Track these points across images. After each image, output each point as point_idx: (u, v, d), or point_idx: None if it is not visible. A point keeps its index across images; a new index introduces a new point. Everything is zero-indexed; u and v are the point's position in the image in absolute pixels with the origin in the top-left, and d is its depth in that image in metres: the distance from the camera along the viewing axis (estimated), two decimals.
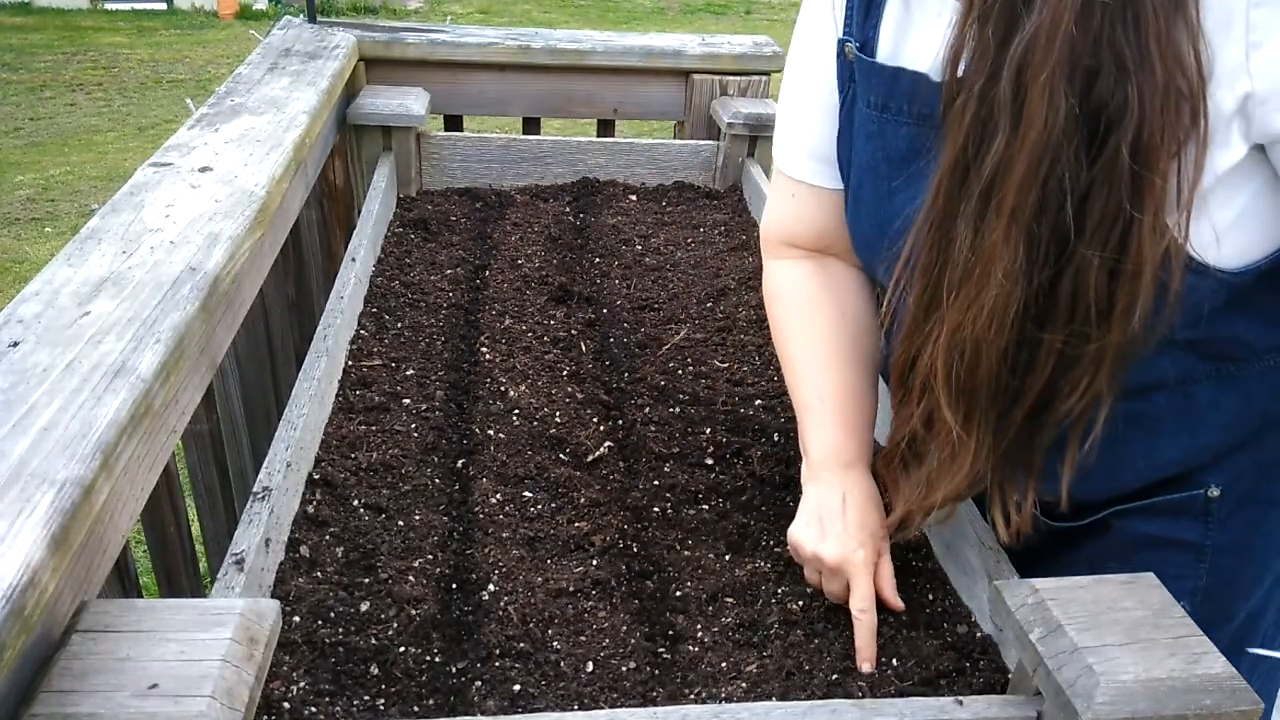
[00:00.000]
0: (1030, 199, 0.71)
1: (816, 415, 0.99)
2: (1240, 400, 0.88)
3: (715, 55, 2.10)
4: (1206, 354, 0.85)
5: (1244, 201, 0.76)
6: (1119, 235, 0.71)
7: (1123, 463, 0.91)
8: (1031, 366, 0.76)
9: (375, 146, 1.84)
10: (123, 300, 0.96)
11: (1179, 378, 0.86)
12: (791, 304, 1.04)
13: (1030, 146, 0.69)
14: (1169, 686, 0.69)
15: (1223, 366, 0.87)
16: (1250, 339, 0.85)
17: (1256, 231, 0.78)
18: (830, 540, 0.91)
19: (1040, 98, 0.68)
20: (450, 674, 0.85)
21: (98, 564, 0.78)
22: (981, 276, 0.74)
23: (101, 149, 7.13)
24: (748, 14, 12.69)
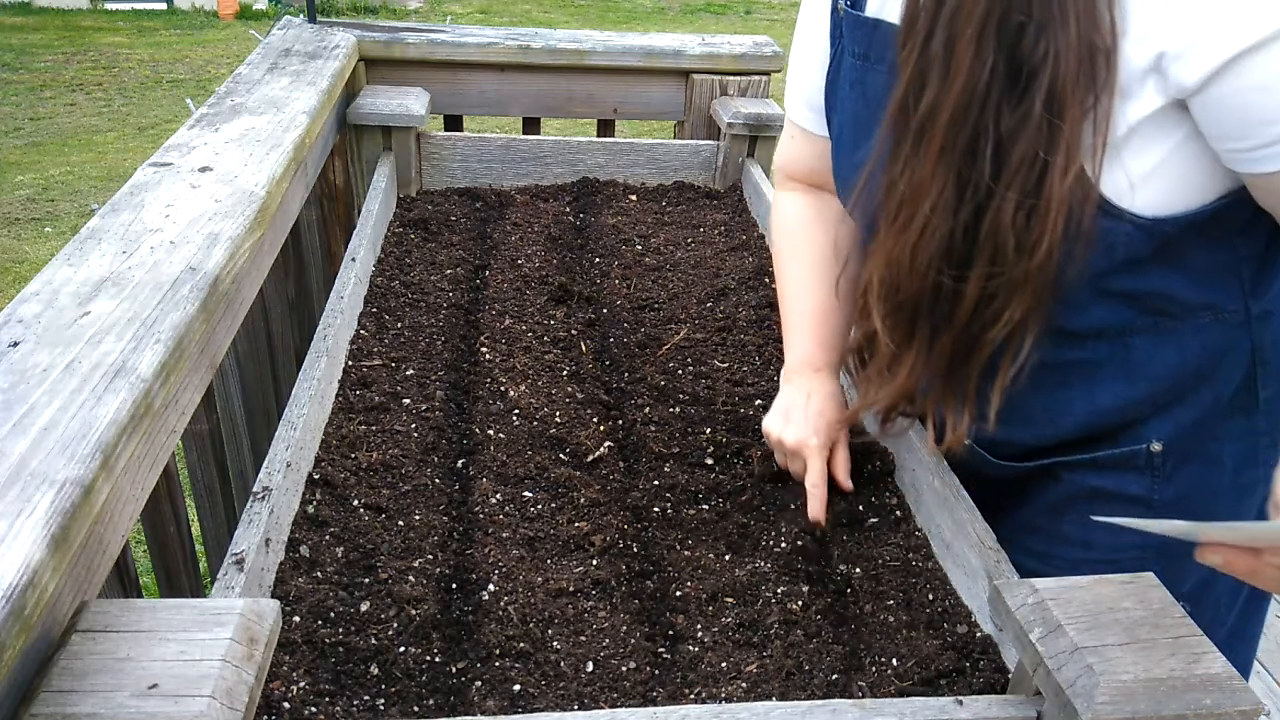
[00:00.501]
0: (955, 141, 0.80)
1: (796, 330, 1.14)
2: (1175, 353, 0.94)
3: (715, 55, 2.10)
4: (1143, 308, 0.91)
5: (1162, 153, 0.81)
6: (1035, 178, 0.79)
7: (1063, 407, 0.97)
8: (959, 295, 0.85)
9: (375, 146, 1.84)
10: (123, 300, 0.96)
11: (1118, 328, 0.92)
12: (787, 230, 1.18)
13: (956, 94, 0.79)
14: (1169, 686, 0.69)
15: (1159, 321, 0.92)
16: (1183, 296, 0.91)
17: (1175, 183, 0.83)
18: (791, 428, 1.07)
19: (966, 50, 0.78)
20: (450, 674, 0.85)
21: (98, 564, 0.78)
22: (911, 208, 0.84)
23: (101, 149, 7.13)
24: (748, 14, 12.70)
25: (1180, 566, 0.98)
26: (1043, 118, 0.77)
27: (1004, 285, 0.82)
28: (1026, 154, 0.78)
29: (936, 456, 1.03)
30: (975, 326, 0.85)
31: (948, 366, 0.89)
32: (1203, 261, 0.89)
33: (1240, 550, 0.71)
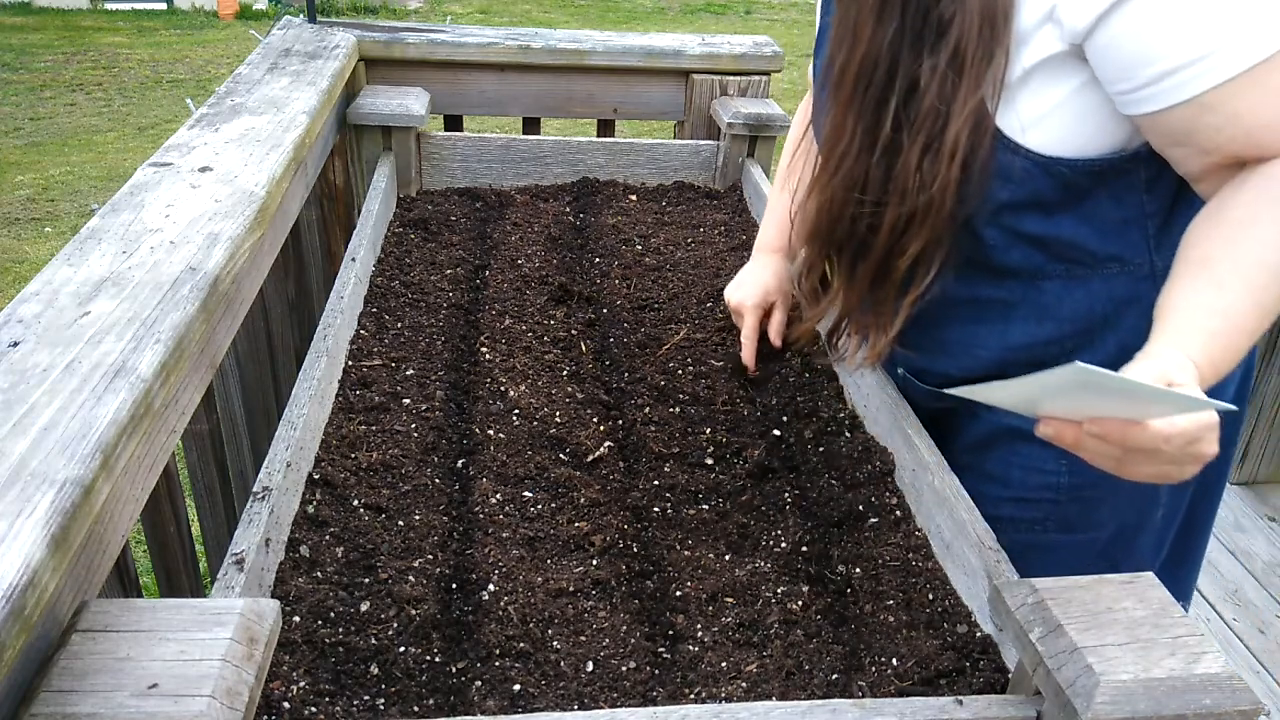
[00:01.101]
0: (864, 96, 0.92)
1: (766, 217, 1.36)
2: (1084, 299, 1.01)
3: (715, 55, 2.10)
4: (1054, 254, 0.99)
5: (1059, 97, 0.90)
6: (939, 126, 0.89)
7: (979, 341, 1.06)
8: (875, 229, 0.96)
9: (375, 146, 1.84)
10: (123, 300, 0.96)
11: (1031, 270, 1.00)
12: (796, 124, 1.33)
13: (860, 57, 0.91)
14: (1169, 686, 0.69)
15: (1070, 268, 1.00)
16: (1093, 247, 0.98)
17: (1072, 126, 0.91)
18: (737, 291, 1.30)
19: (867, 20, 0.90)
20: (450, 674, 0.85)
21: (98, 564, 0.78)
22: (830, 152, 0.97)
23: (101, 149, 7.13)
24: (748, 14, 12.69)
25: (1095, 510, 1.09)
26: (946, 73, 0.88)
27: (912, 220, 0.93)
28: (931, 105, 0.89)
29: (935, 454, 1.04)
30: (889, 257, 0.96)
31: (868, 292, 1.01)
32: (1110, 215, 0.97)
33: (1069, 423, 0.78)
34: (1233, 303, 0.81)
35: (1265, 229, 0.83)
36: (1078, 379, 0.68)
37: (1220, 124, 0.84)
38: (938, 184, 0.89)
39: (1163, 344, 0.80)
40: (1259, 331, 0.83)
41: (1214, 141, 0.85)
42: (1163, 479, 0.78)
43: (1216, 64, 0.81)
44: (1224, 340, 0.81)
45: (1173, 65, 0.82)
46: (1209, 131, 0.85)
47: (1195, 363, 0.78)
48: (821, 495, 1.09)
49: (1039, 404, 0.78)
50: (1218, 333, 0.80)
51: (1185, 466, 0.76)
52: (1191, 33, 0.81)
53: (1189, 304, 0.83)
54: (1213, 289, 0.82)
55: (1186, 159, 0.90)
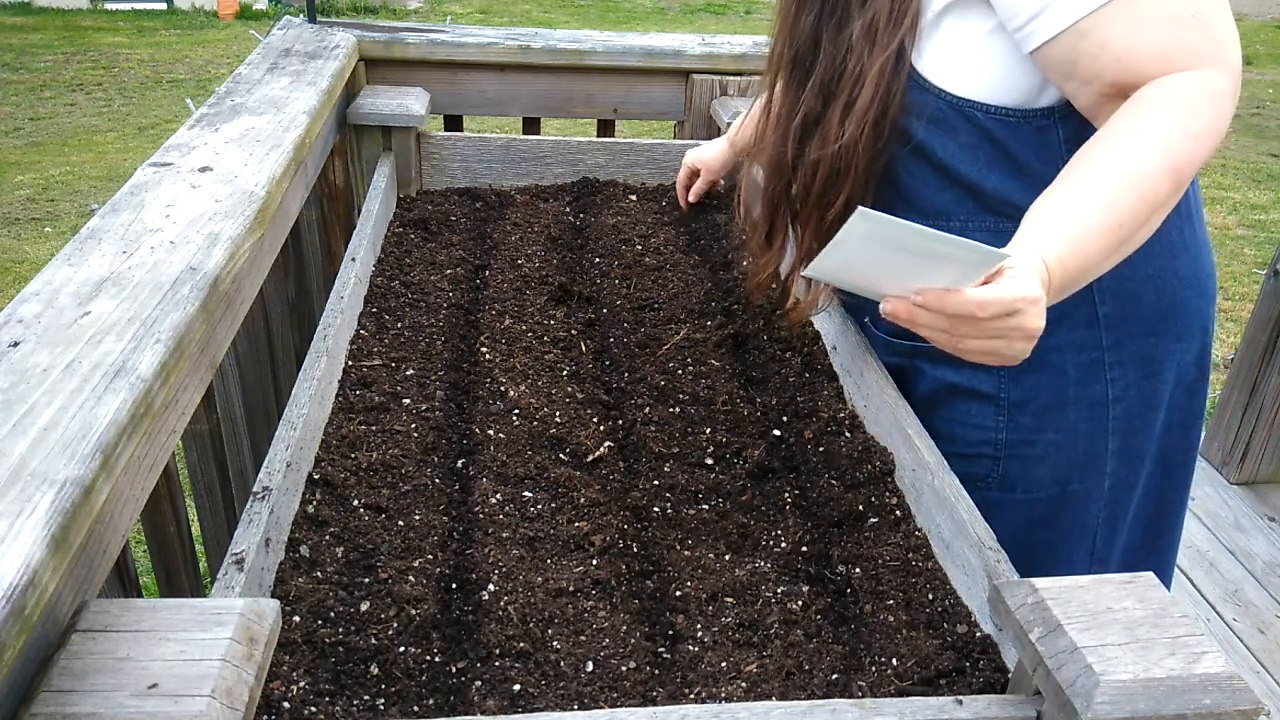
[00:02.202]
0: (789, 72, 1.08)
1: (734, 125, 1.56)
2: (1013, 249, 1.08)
3: (715, 55, 2.09)
4: (985, 205, 1.06)
5: (969, 41, 0.99)
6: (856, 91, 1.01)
7: None
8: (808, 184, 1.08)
9: (375, 146, 1.84)
10: (123, 300, 0.96)
11: (963, 220, 1.08)
12: None
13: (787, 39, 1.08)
14: (1169, 686, 0.69)
15: (999, 221, 1.06)
16: (1018, 201, 1.01)
17: (981, 68, 1.00)
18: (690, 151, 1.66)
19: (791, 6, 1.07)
20: (450, 674, 0.85)
21: (98, 564, 0.78)
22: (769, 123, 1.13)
23: (101, 149, 7.14)
24: (747, 14, 12.69)
25: (1034, 468, 1.15)
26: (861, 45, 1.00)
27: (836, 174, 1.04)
28: (849, 72, 1.01)
29: (934, 454, 1.04)
30: (821, 209, 1.08)
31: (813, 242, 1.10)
32: (1037, 171, 1.02)
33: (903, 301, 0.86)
34: (1087, 209, 0.88)
35: (1124, 143, 0.89)
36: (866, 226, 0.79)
37: (1095, 51, 0.92)
38: (849, 139, 1.01)
39: (1015, 244, 0.88)
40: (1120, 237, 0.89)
41: (1092, 70, 0.93)
42: (994, 357, 0.85)
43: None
44: (1078, 243, 0.87)
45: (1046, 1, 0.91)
46: (1087, 61, 0.93)
47: (1046, 262, 0.85)
48: (821, 495, 1.09)
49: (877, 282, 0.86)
50: (1071, 236, 0.87)
51: (1014, 344, 0.83)
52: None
53: (1046, 211, 0.90)
54: (1070, 198, 0.89)
55: (1077, 93, 0.97)
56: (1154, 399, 1.14)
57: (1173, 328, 1.11)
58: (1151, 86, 0.91)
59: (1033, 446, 1.14)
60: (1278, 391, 2.70)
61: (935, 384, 1.17)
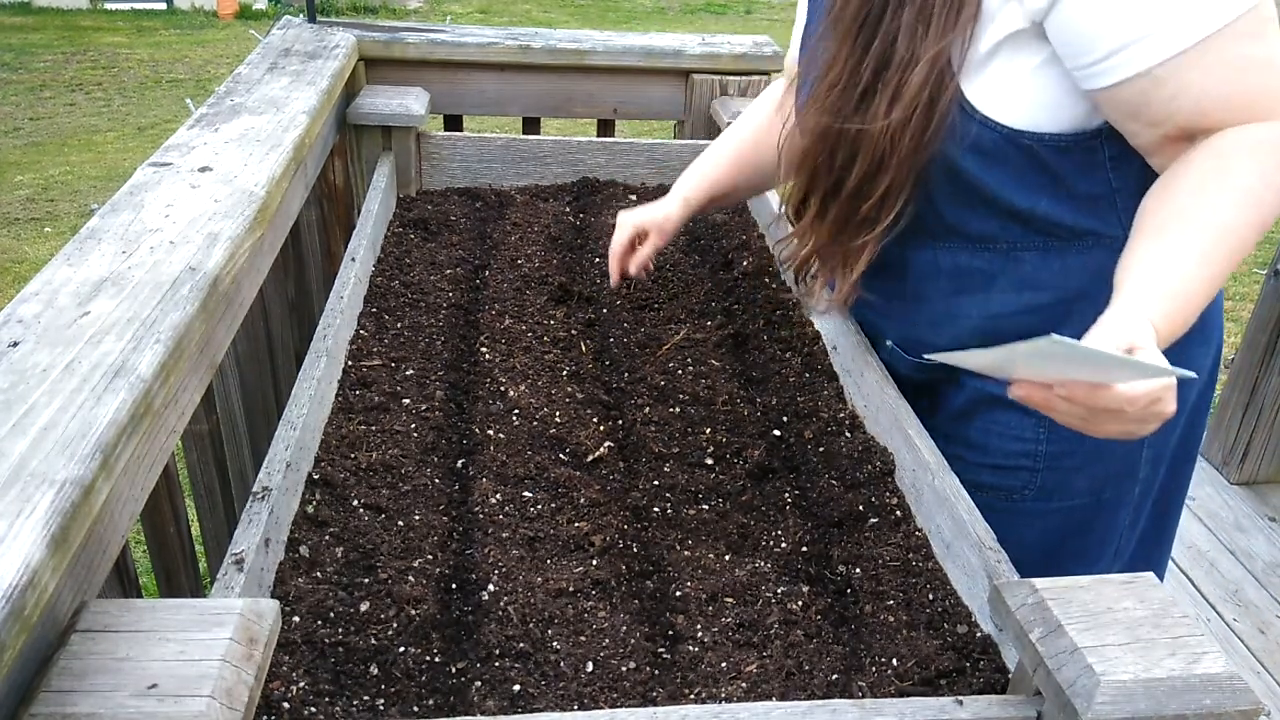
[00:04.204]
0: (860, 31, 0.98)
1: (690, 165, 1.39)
2: (1061, 269, 1.05)
3: (715, 55, 2.10)
4: (1033, 228, 1.03)
5: (1024, 72, 0.95)
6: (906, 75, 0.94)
7: (961, 311, 1.10)
8: (847, 169, 1.01)
9: (375, 146, 1.84)
10: (122, 300, 0.96)
11: (1010, 241, 1.05)
12: (757, 100, 1.38)
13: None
14: (1169, 686, 0.69)
15: (1047, 241, 1.04)
16: (1068, 222, 1.02)
17: (1036, 100, 0.96)
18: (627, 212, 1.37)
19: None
20: (450, 674, 0.85)
21: (98, 564, 0.78)
22: (821, 80, 1.01)
23: (101, 149, 7.14)
24: (748, 14, 12.70)
25: (1073, 479, 1.13)
26: (915, 26, 0.94)
27: (879, 163, 0.98)
28: (901, 55, 0.95)
29: (935, 454, 1.04)
30: (858, 197, 1.02)
31: (839, 230, 1.06)
32: (1082, 190, 1.01)
33: (1037, 385, 0.82)
34: (1185, 265, 0.87)
35: (1212, 196, 0.88)
36: (1051, 349, 0.73)
37: (1169, 97, 0.89)
38: (896, 128, 0.96)
39: (1123, 307, 0.85)
40: (1211, 291, 0.88)
41: (1164, 113, 0.91)
42: (1126, 436, 0.84)
43: (1166, 39, 0.86)
44: (1179, 301, 0.86)
45: (1125, 41, 0.87)
46: (1159, 104, 0.90)
47: (1153, 323, 0.84)
48: (821, 495, 1.09)
49: (1013, 369, 0.83)
50: (1173, 294, 0.86)
51: (1147, 424, 0.82)
52: (1142, 9, 0.86)
53: (1146, 268, 0.88)
54: (1167, 253, 0.88)
55: (1140, 133, 0.95)
56: (1182, 403, 1.13)
57: (1200, 331, 1.10)
58: (1231, 135, 0.89)
59: (1072, 457, 1.12)
60: (1278, 391, 2.70)
61: (973, 394, 1.15)
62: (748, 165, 1.34)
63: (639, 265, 1.35)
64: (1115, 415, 0.80)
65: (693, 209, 1.36)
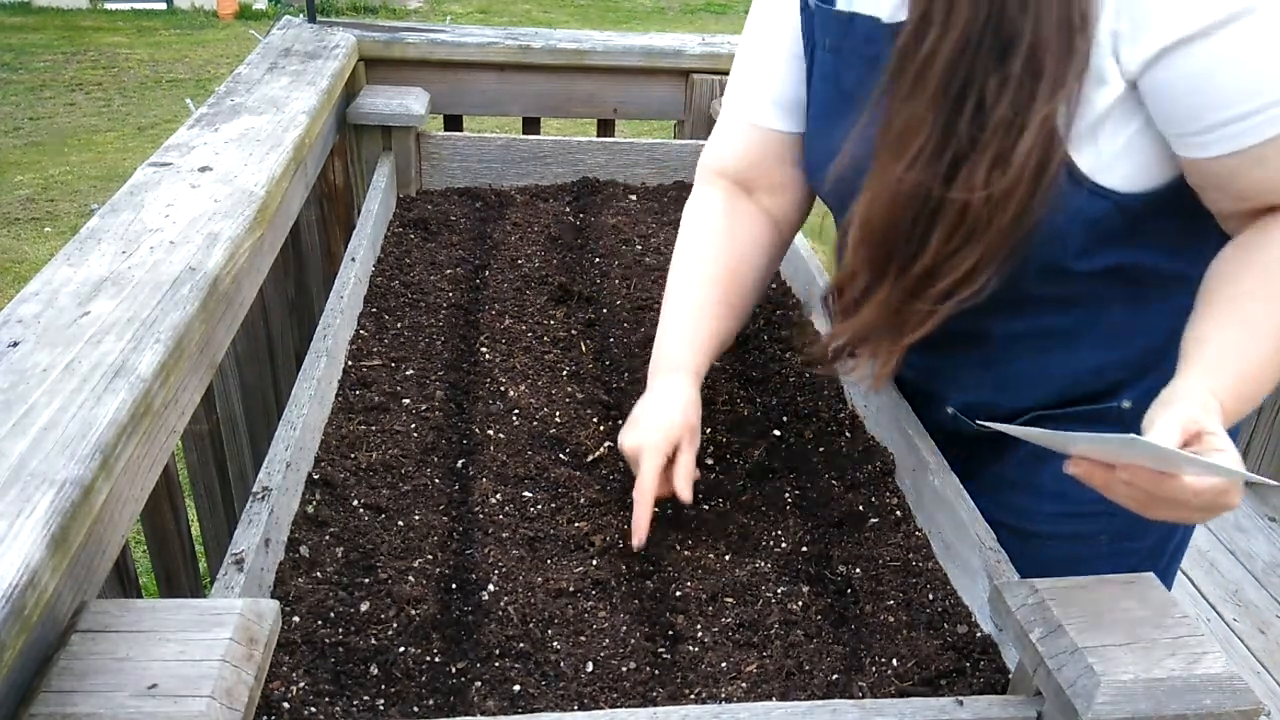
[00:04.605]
0: (949, 86, 0.84)
1: (668, 325, 1.10)
2: (1149, 320, 0.99)
3: (715, 55, 2.09)
4: (1119, 278, 0.96)
5: (1129, 134, 0.87)
6: (1011, 138, 0.83)
7: (1044, 373, 1.02)
8: (927, 238, 0.88)
9: (375, 146, 1.84)
10: (122, 300, 0.96)
11: (1096, 297, 0.97)
12: (693, 222, 1.15)
13: (954, 38, 0.83)
14: (1169, 686, 0.69)
15: (1135, 289, 0.97)
16: (1156, 267, 0.96)
17: (1143, 161, 0.88)
18: (630, 432, 1.02)
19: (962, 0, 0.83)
20: (450, 674, 0.85)
21: (97, 564, 0.78)
22: (900, 146, 0.87)
23: (101, 149, 7.13)
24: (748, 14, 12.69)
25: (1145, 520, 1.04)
26: (1021, 80, 0.82)
27: (970, 233, 0.86)
28: (1004, 116, 0.83)
29: (935, 455, 1.04)
30: (936, 270, 0.90)
31: (897, 310, 0.93)
32: (1171, 234, 0.94)
33: (1099, 465, 0.77)
34: (1261, 348, 0.82)
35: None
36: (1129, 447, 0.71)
37: (1267, 175, 0.84)
38: (1002, 198, 0.84)
39: (1193, 382, 0.80)
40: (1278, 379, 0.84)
41: (1254, 190, 0.85)
42: (1181, 521, 0.81)
43: (1272, 117, 0.80)
44: (1250, 385, 0.82)
45: (1227, 116, 0.81)
46: (1251, 180, 0.84)
47: (1221, 403, 0.79)
48: (821, 495, 1.09)
49: (1074, 446, 0.78)
50: (1245, 376, 0.81)
51: (1207, 514, 0.77)
52: (1248, 85, 0.80)
53: (1219, 343, 0.83)
54: (1244, 331, 0.83)
55: (1220, 200, 0.89)
56: None
57: None
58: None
59: None
60: (1278, 392, 2.70)
61: None
62: (738, 305, 1.13)
63: (689, 482, 1.00)
64: (1177, 504, 0.75)
65: (701, 379, 1.09)
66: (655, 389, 1.05)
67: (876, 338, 0.98)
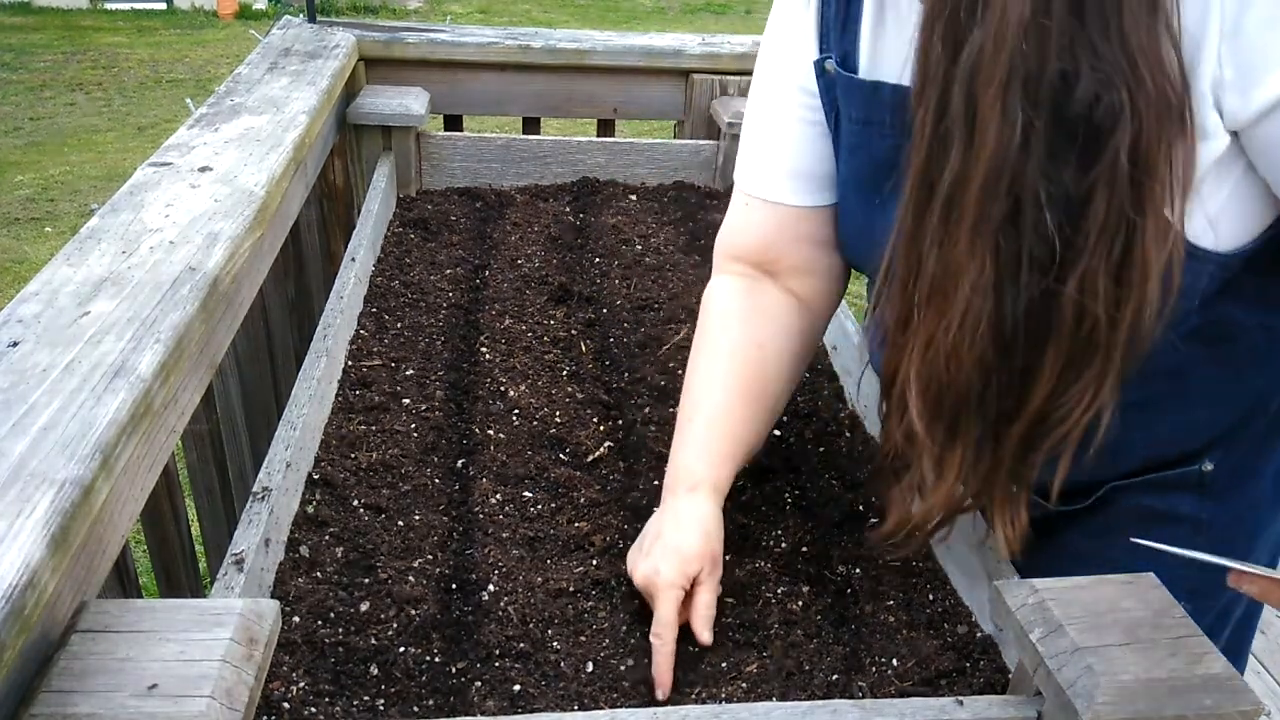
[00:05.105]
0: (993, 212, 0.70)
1: (682, 434, 0.98)
2: (1231, 377, 0.91)
3: (715, 55, 2.09)
4: (1202, 338, 0.85)
5: (1230, 186, 0.77)
6: (1122, 241, 0.70)
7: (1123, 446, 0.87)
8: (1027, 383, 0.75)
9: (375, 146, 1.84)
10: (122, 300, 0.96)
11: (1179, 363, 0.84)
12: (712, 316, 1.03)
13: (986, 159, 0.69)
14: (1169, 686, 0.69)
15: (1217, 348, 0.87)
16: (1241, 319, 0.87)
17: (1244, 214, 0.79)
18: (642, 561, 0.91)
19: (991, 110, 0.68)
20: (450, 674, 0.85)
21: (97, 564, 0.78)
22: (949, 290, 0.73)
23: (101, 149, 7.13)
24: (748, 14, 12.69)
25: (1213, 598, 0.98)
26: (1126, 173, 0.68)
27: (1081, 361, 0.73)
28: (1110, 217, 0.69)
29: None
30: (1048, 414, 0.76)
31: (1012, 465, 0.79)
32: (1256, 284, 0.85)
33: (1260, 579, 0.73)
34: None
35: None
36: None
37: None
38: (1131, 312, 0.71)
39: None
40: None
41: None
42: None
43: None
44: None
45: None
46: None
47: None
48: (821, 495, 1.09)
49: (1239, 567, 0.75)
50: None
51: None
52: None
53: None
54: None
55: None
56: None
57: None
58: None
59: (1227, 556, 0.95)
60: None
61: (1122, 509, 0.97)
62: (763, 405, 1.00)
63: (708, 623, 0.89)
64: None
65: (724, 494, 0.97)
66: (670, 509, 0.94)
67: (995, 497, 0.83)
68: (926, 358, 0.76)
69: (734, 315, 1.02)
